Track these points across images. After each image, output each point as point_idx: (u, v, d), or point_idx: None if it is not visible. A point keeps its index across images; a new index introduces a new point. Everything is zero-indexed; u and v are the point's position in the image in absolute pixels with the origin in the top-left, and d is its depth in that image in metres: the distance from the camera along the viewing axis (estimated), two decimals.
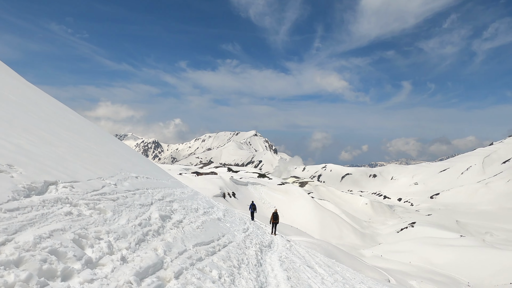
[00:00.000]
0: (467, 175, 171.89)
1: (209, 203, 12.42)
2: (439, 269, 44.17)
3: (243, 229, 10.87)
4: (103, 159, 8.40)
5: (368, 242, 66.75)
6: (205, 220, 8.19)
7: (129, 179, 7.64)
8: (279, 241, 12.92)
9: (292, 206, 68.56)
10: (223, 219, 10.35)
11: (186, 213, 7.68)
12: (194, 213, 8.30)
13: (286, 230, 39.58)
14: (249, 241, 9.08)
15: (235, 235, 8.84)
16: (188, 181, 53.49)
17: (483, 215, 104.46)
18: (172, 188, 10.51)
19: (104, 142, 12.15)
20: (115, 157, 10.06)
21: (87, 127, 13.84)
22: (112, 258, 3.73)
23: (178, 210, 7.52)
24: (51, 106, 13.15)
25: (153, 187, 8.51)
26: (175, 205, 7.91)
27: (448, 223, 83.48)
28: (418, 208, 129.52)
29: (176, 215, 6.99)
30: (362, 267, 28.28)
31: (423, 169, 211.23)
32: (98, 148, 9.72)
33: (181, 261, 4.77)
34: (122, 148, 14.11)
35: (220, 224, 9.12)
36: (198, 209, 9.26)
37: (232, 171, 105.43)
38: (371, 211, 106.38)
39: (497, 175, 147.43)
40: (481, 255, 45.34)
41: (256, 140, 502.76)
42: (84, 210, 4.49)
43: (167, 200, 7.93)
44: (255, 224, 15.39)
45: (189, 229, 6.52)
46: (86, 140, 9.90)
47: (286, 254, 9.86)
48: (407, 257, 48.65)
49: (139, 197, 6.64)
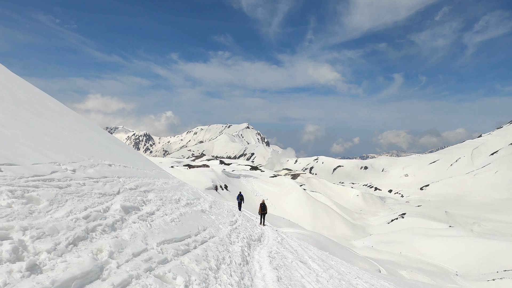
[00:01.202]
0: (456, 166, 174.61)
1: (195, 194, 11.58)
2: (428, 259, 44.88)
3: (231, 221, 10.05)
4: (71, 145, 7.52)
5: (359, 233, 67.47)
6: (185, 212, 7.27)
7: (97, 166, 6.76)
8: (270, 234, 12.23)
9: (284, 198, 68.71)
10: (209, 211, 9.51)
11: (162, 204, 6.77)
12: (173, 204, 7.42)
13: (278, 222, 39.63)
14: (236, 235, 8.24)
15: (219, 228, 8.01)
16: (180, 174, 53.02)
17: (472, 206, 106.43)
18: (154, 178, 9.73)
19: (83, 130, 11.24)
20: (91, 145, 9.22)
21: (68, 116, 12.94)
22: (11, 268, 2.56)
23: (152, 201, 6.61)
24: (26, 93, 12.21)
25: (128, 176, 7.64)
26: (151, 195, 7.06)
27: (438, 214, 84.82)
28: (408, 200, 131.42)
29: (148, 206, 6.06)
30: (353, 258, 28.44)
31: (413, 161, 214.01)
32: (71, 135, 8.89)
33: (133, 266, 3.60)
34: (107, 138, 13.25)
35: (203, 216, 8.28)
36: (180, 200, 8.44)
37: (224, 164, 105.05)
38: (362, 202, 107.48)
39: (485, 167, 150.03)
40: (469, 245, 46.15)
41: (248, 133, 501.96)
42: (2, 199, 3.49)
43: (141, 189, 7.05)
44: (245, 216, 14.66)
45: (159, 222, 5.52)
46: (59, 126, 9.06)
47: (277, 249, 9.21)
48: (397, 248, 49.29)
49: (103, 186, 5.67)
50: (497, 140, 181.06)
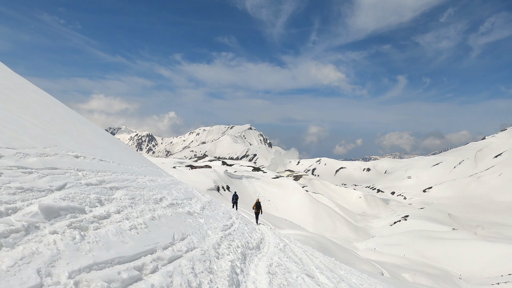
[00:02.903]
0: (460, 169, 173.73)
1: (188, 194, 10.45)
2: (431, 261, 44.51)
3: (225, 225, 8.71)
4: (34, 134, 6.27)
5: (361, 235, 67.12)
6: (162, 215, 5.82)
7: (50, 157, 5.39)
8: (271, 240, 10.80)
9: (286, 200, 68.53)
10: (198, 213, 8.25)
11: (130, 205, 5.33)
12: (149, 205, 6.09)
13: (280, 223, 39.47)
14: (227, 244, 6.72)
15: (207, 235, 6.58)
16: (182, 175, 52.98)
17: (475, 209, 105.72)
18: (137, 174, 8.57)
19: (65, 123, 10.02)
20: (66, 136, 7.97)
21: (55, 109, 11.66)
22: None
23: (116, 200, 5.21)
24: (7, 82, 10.94)
25: (97, 170, 6.40)
26: (119, 193, 5.71)
27: (441, 217, 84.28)
28: (411, 202, 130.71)
29: (104, 207, 4.59)
30: (356, 261, 28.22)
31: (416, 163, 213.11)
32: (45, 125, 7.71)
33: None
34: (96, 134, 11.83)
35: (188, 220, 6.87)
36: (163, 200, 7.22)
37: (227, 165, 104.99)
38: (365, 204, 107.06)
39: (489, 169, 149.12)
40: (472, 248, 45.75)
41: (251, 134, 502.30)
42: None
43: (107, 186, 5.68)
44: (244, 218, 13.28)
45: (107, 231, 3.84)
46: (33, 117, 7.87)
47: (279, 259, 7.83)
48: (400, 250, 48.95)
49: (36, 178, 4.23)
50: (501, 143, 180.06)
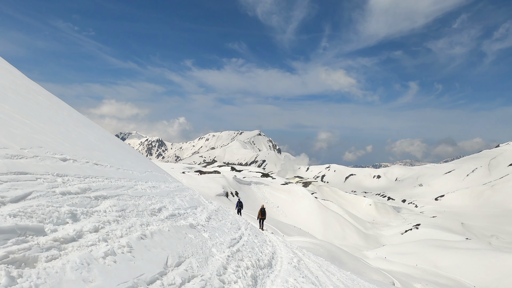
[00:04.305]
0: (473, 177, 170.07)
1: (194, 202, 9.60)
2: (444, 272, 43.51)
3: (232, 239, 7.46)
4: (18, 134, 5.55)
5: (371, 243, 66.14)
6: (157, 231, 4.75)
7: (25, 159, 4.51)
8: (283, 253, 9.60)
9: (295, 206, 68.15)
10: (203, 225, 7.20)
11: (117, 219, 4.35)
12: (143, 218, 5.07)
13: (289, 230, 39.23)
14: (235, 266, 5.49)
15: (211, 254, 5.38)
16: (191, 180, 53.26)
17: (489, 218, 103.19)
18: (137, 180, 7.64)
19: (64, 124, 9.42)
20: (61, 137, 7.25)
21: (59, 111, 11.12)
22: None
23: (98, 213, 4.22)
24: (11, 83, 10.39)
25: (86, 175, 5.50)
26: (105, 203, 4.69)
27: (453, 226, 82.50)
28: (422, 210, 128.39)
29: (76, 224, 3.56)
30: (366, 270, 27.81)
31: (428, 170, 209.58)
32: (39, 126, 7.05)
33: None
34: (99, 137, 11.02)
35: (189, 235, 5.73)
36: (162, 210, 6.21)
37: (236, 170, 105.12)
38: (375, 212, 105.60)
39: (503, 178, 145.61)
40: (487, 259, 44.59)
41: (260, 140, 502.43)
42: None
43: (91, 195, 4.67)
44: (252, 228, 11.69)
45: (68, 263, 2.79)
46: (28, 117, 7.33)
47: (295, 281, 6.80)
48: (411, 259, 48.02)
49: None
50: None
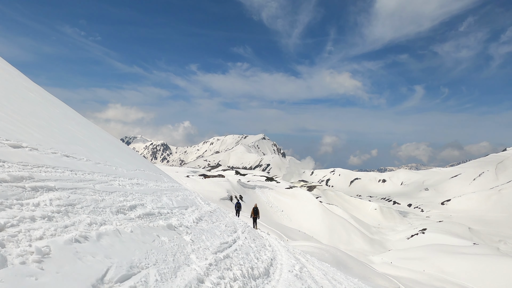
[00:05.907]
0: (480, 181, 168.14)
1: (186, 202, 8.68)
2: (451, 277, 42.81)
3: (223, 243, 6.42)
4: None
5: (377, 248, 65.43)
6: (110, 232, 3.88)
7: None
8: (283, 259, 8.40)
9: (300, 210, 67.75)
10: (189, 227, 6.21)
11: (52, 214, 3.53)
12: (101, 216, 4.30)
13: (293, 235, 38.94)
14: (218, 277, 4.52)
15: (186, 263, 4.39)
16: (195, 184, 53.25)
17: (496, 223, 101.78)
18: (119, 177, 7.01)
19: (53, 120, 9.16)
20: (35, 130, 6.80)
21: (50, 107, 10.91)
22: None
23: (25, 207, 3.38)
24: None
25: (40, 165, 4.86)
26: (47, 196, 3.91)
27: (460, 230, 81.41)
28: (428, 215, 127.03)
29: None
30: (371, 275, 27.45)
31: (434, 174, 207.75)
32: (22, 119, 6.76)
33: None
34: (90, 133, 10.85)
35: (162, 238, 4.74)
36: (136, 208, 5.36)
37: (240, 174, 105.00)
38: (381, 216, 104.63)
39: (511, 182, 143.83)
40: (495, 264, 43.81)
41: (264, 144, 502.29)
42: None
43: (27, 185, 3.90)
44: (252, 232, 10.66)
45: None
46: (14, 111, 7.12)
47: None
48: (418, 265, 47.36)
49: None
50: None
